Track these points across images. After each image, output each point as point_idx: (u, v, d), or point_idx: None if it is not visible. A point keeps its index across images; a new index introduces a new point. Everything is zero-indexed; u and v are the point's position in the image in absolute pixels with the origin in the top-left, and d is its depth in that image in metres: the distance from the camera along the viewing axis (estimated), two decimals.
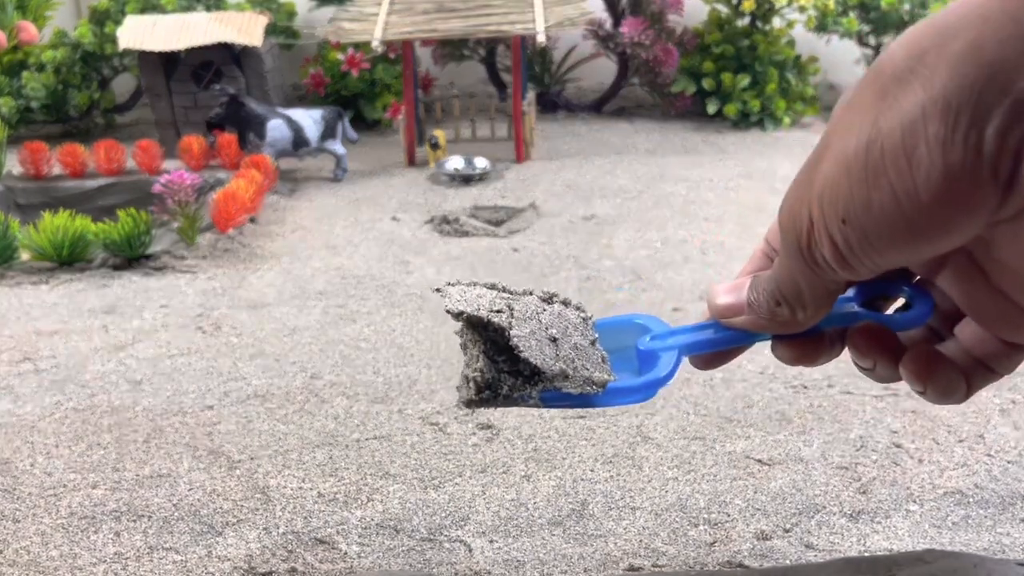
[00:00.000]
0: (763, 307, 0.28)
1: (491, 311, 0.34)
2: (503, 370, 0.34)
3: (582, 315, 0.35)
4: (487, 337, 0.34)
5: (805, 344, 0.30)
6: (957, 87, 0.19)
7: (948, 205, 0.20)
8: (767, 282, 0.27)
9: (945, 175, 0.20)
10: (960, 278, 0.25)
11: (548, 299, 0.37)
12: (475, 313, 0.33)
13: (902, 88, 0.21)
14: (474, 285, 0.36)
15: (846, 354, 0.29)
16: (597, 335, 0.35)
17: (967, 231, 0.21)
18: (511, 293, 0.36)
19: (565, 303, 0.36)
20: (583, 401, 0.32)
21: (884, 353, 0.28)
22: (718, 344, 0.32)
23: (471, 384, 0.33)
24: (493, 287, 0.36)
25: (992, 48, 0.19)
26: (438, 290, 0.35)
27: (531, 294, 0.36)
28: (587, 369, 0.33)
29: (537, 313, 0.35)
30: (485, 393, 0.33)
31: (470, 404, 0.33)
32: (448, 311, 0.34)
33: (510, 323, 0.33)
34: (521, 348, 0.33)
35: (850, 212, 0.22)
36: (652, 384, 0.32)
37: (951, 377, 0.26)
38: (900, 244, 0.22)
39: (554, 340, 0.34)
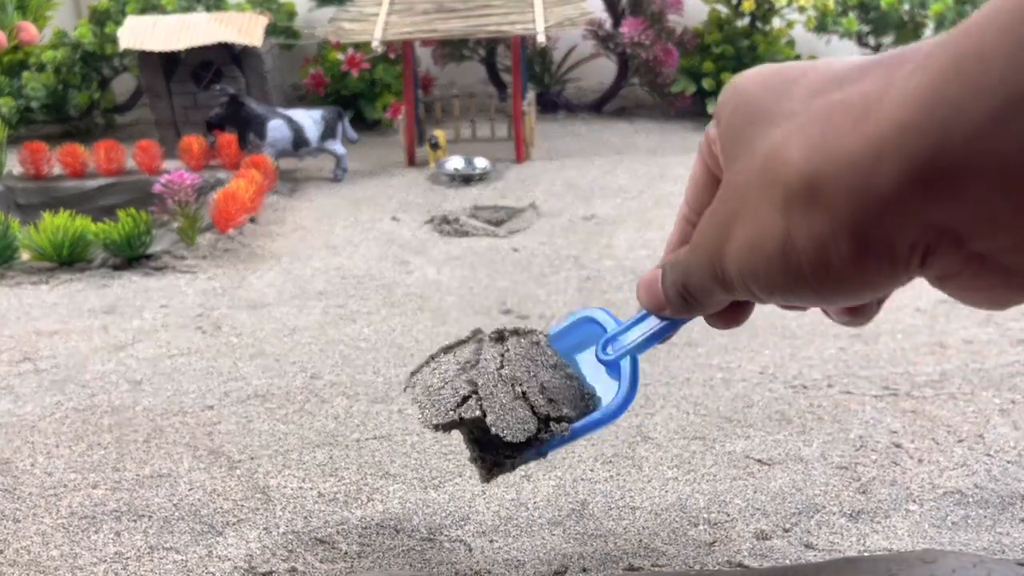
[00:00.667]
0: (676, 303, 0.31)
1: (459, 405, 0.36)
2: (499, 446, 0.36)
3: (534, 340, 0.38)
4: (470, 428, 0.36)
5: (732, 312, 0.33)
6: (866, 222, 0.21)
7: (862, 286, 0.23)
8: (675, 275, 0.30)
9: (862, 281, 0.23)
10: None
11: (500, 338, 0.39)
12: (447, 420, 0.35)
13: (809, 209, 0.22)
14: (430, 361, 0.39)
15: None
16: (556, 355, 0.37)
17: (881, 292, 0.24)
18: (460, 347, 0.39)
19: (516, 333, 0.38)
20: (572, 439, 0.36)
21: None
22: (661, 333, 0.34)
23: (479, 468, 0.37)
24: (448, 349, 0.38)
25: (889, 185, 0.21)
26: (413, 398, 0.39)
27: (480, 340, 0.38)
28: (560, 409, 0.36)
29: (498, 370, 0.37)
30: (495, 470, 0.36)
31: (489, 480, 0.37)
32: (427, 426, 0.37)
33: (481, 408, 0.35)
34: (503, 433, 0.35)
35: (768, 287, 0.25)
36: (621, 406, 0.35)
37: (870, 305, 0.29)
38: (818, 303, 0.25)
39: (524, 395, 0.36)
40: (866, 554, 0.50)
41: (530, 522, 0.53)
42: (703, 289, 0.28)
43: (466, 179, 1.33)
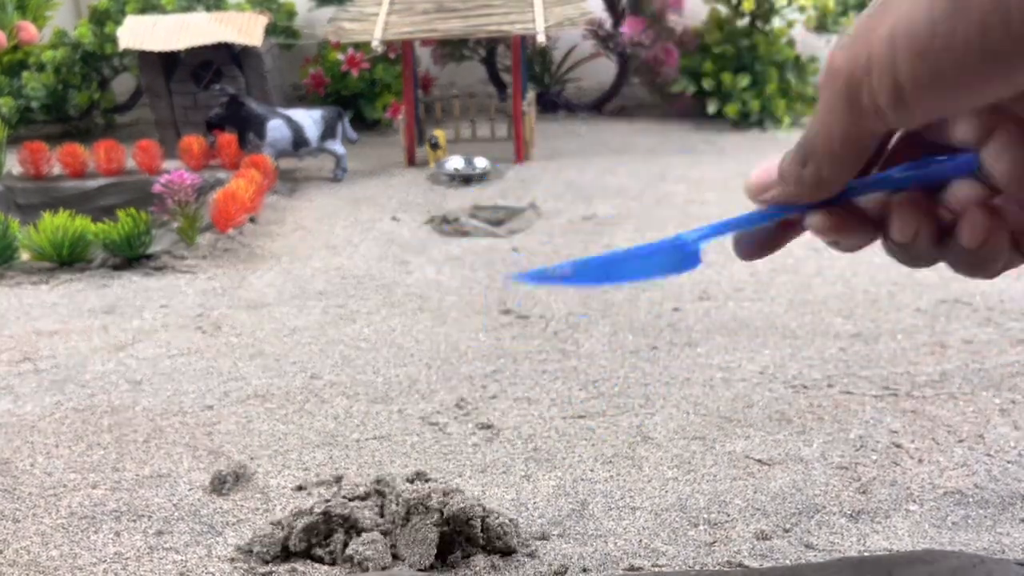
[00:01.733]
0: (791, 171, 0.27)
1: None
2: None
3: None
4: None
5: (840, 213, 0.28)
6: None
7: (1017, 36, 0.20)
8: (796, 147, 0.27)
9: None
10: (1008, 146, 0.24)
11: None
12: None
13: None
14: None
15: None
16: None
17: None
18: None
19: None
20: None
21: (928, 218, 0.26)
22: (752, 221, 0.31)
23: None
24: None
25: None
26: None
27: None
28: None
29: None
30: None
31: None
32: None
33: None
34: None
35: (929, 45, 0.21)
36: (673, 259, 0.30)
37: (1005, 243, 0.25)
38: (975, 80, 0.21)
39: None
40: (866, 554, 0.49)
41: (530, 522, 0.53)
42: (831, 123, 0.25)
43: (466, 179, 1.33)
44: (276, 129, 1.30)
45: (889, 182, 0.27)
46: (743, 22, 1.72)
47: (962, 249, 0.26)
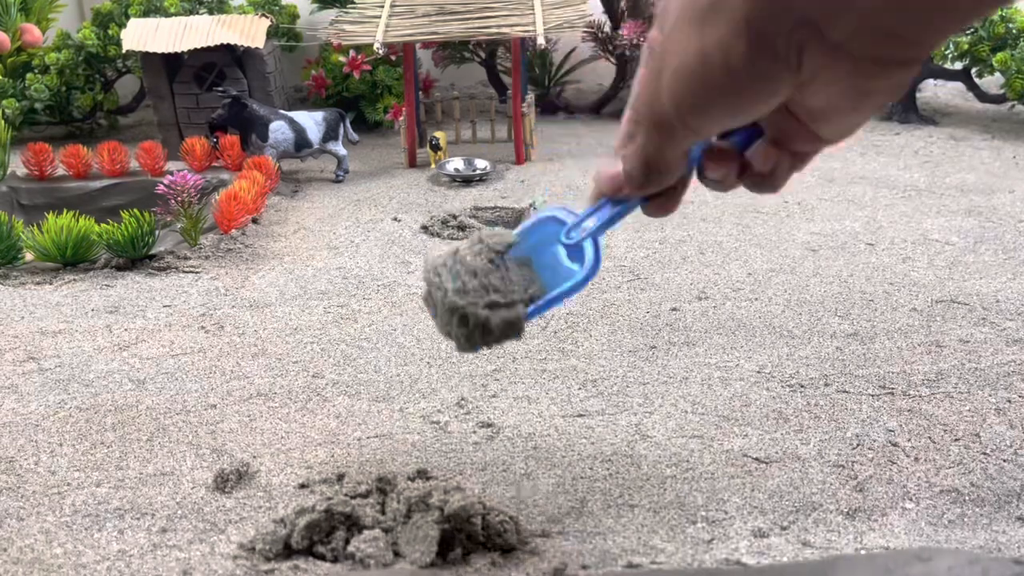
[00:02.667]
0: (637, 178, 0.37)
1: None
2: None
3: (495, 248, 0.43)
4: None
5: (669, 197, 0.40)
6: (752, 17, 0.28)
7: (760, 89, 0.30)
8: (635, 157, 0.36)
9: (754, 75, 0.29)
10: (775, 121, 0.36)
11: (476, 249, 0.44)
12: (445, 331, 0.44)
13: (714, 17, 0.29)
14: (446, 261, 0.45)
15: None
16: (510, 259, 0.43)
17: (776, 99, 0.31)
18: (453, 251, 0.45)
19: (482, 243, 0.44)
20: (545, 308, 0.43)
21: (730, 162, 0.38)
22: (616, 217, 0.41)
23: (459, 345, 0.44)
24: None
25: None
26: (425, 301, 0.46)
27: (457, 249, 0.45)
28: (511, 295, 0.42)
29: (471, 268, 0.44)
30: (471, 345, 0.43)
31: (465, 351, 0.44)
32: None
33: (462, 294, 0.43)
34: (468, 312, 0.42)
35: (695, 103, 0.31)
36: (586, 279, 0.42)
37: (784, 165, 0.38)
38: (732, 113, 0.32)
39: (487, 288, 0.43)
40: (863, 552, 0.50)
41: (530, 519, 0.53)
42: (657, 148, 0.35)
43: (466, 180, 1.34)
44: (278, 131, 1.30)
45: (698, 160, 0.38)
46: None
47: (758, 173, 0.38)
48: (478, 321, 0.42)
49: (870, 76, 0.29)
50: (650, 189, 0.38)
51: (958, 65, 1.65)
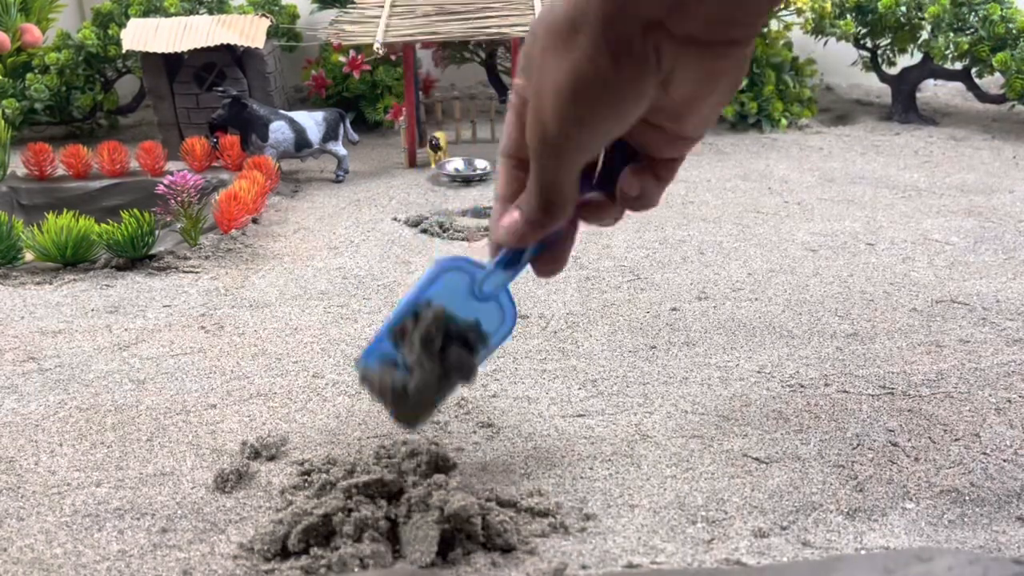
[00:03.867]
0: (535, 212, 0.40)
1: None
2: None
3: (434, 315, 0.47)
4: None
5: (557, 251, 0.44)
6: (609, 29, 0.32)
7: (632, 90, 0.34)
8: (531, 195, 0.39)
9: (624, 79, 0.33)
10: (641, 136, 0.40)
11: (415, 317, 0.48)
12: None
13: (575, 38, 0.33)
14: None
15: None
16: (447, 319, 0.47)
17: (646, 99, 0.35)
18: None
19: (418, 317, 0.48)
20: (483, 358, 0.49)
21: (606, 210, 0.43)
22: (520, 268, 0.44)
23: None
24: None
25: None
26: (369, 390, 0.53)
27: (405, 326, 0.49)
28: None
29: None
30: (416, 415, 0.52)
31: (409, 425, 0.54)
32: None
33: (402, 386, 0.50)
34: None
35: (579, 116, 0.35)
36: (511, 327, 0.48)
37: (650, 184, 0.41)
38: (613, 119, 0.35)
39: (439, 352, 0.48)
40: (863, 552, 0.50)
41: (529, 519, 0.53)
42: (553, 174, 0.38)
43: (466, 180, 1.34)
44: (278, 131, 1.31)
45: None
46: None
47: (629, 197, 0.41)
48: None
49: (717, 57, 0.34)
50: (550, 224, 0.40)
51: (958, 65, 1.65)
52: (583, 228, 0.44)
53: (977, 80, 1.66)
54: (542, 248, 0.43)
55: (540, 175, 0.38)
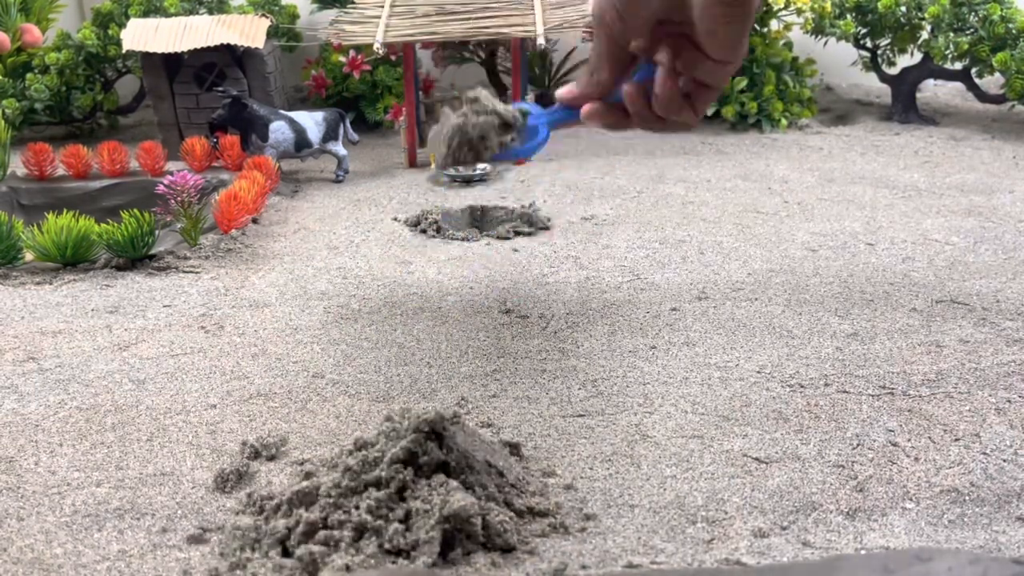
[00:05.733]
0: (583, 79, 0.55)
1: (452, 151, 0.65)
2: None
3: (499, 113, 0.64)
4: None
5: (611, 109, 0.56)
6: None
7: None
8: (587, 66, 0.54)
9: None
10: (674, 47, 0.51)
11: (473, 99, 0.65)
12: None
13: None
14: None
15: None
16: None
17: None
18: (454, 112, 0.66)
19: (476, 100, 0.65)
20: (508, 156, 0.65)
21: (644, 97, 0.54)
22: (565, 118, 0.60)
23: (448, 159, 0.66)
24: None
25: None
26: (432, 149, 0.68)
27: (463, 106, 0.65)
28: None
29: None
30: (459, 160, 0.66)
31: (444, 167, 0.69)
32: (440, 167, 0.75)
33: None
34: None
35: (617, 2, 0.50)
36: (540, 143, 0.64)
37: (681, 101, 0.53)
38: (638, 14, 0.49)
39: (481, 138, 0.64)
40: (863, 552, 0.50)
41: (529, 519, 0.53)
42: (597, 57, 0.53)
43: (466, 180, 1.34)
44: (279, 131, 1.31)
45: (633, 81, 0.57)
46: None
47: (658, 101, 0.52)
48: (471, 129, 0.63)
49: None
50: (592, 92, 0.55)
51: (958, 65, 1.65)
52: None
53: (977, 80, 1.66)
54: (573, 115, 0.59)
55: (593, 53, 0.53)
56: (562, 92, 0.57)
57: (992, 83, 1.79)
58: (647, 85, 0.53)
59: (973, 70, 1.64)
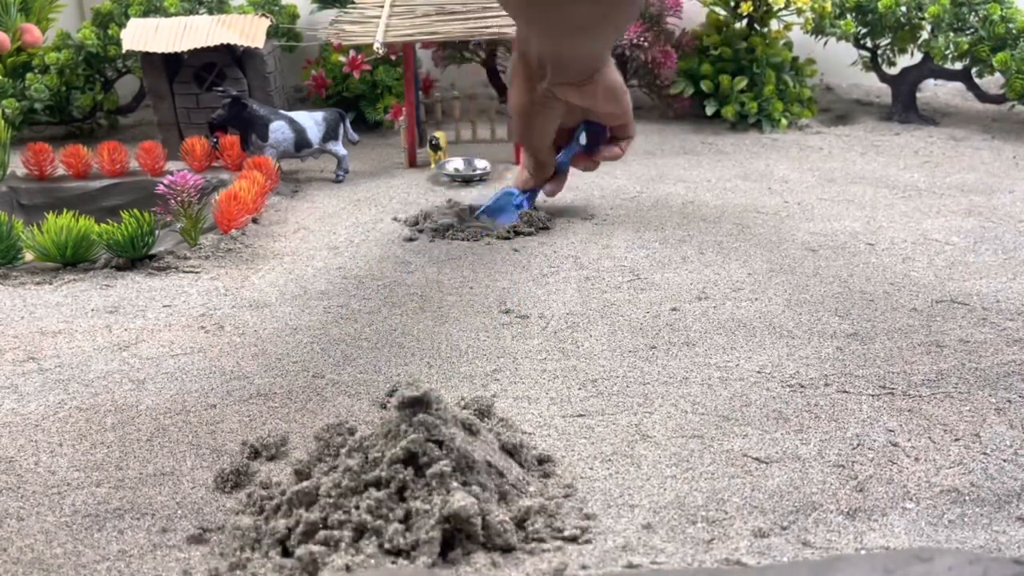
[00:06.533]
0: (531, 170, 0.84)
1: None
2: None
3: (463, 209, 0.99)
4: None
5: (557, 179, 0.92)
6: (523, 62, 0.80)
7: (548, 112, 0.82)
8: (527, 162, 0.84)
9: (540, 108, 0.82)
10: (585, 114, 0.83)
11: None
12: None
13: (516, 76, 0.81)
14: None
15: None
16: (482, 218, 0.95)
17: (559, 112, 0.84)
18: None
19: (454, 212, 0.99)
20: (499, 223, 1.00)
21: (588, 160, 0.93)
22: (532, 197, 0.94)
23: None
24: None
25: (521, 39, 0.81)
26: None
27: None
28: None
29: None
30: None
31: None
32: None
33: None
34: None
35: (526, 126, 0.82)
36: (519, 207, 0.96)
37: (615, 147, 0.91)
38: (545, 127, 0.85)
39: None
40: (863, 552, 0.50)
41: (529, 520, 0.53)
42: (533, 154, 0.83)
43: (466, 180, 1.34)
44: (279, 130, 1.30)
45: (566, 156, 0.95)
46: (741, 24, 1.73)
47: (603, 157, 0.92)
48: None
49: (583, 87, 0.69)
50: (541, 175, 0.80)
51: (958, 65, 1.65)
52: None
53: (977, 80, 1.66)
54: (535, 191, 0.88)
55: (525, 152, 0.74)
56: (519, 184, 0.86)
57: (992, 83, 1.79)
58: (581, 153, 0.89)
59: (973, 70, 1.64)
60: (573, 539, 0.51)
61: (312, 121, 1.33)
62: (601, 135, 0.81)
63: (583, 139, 0.79)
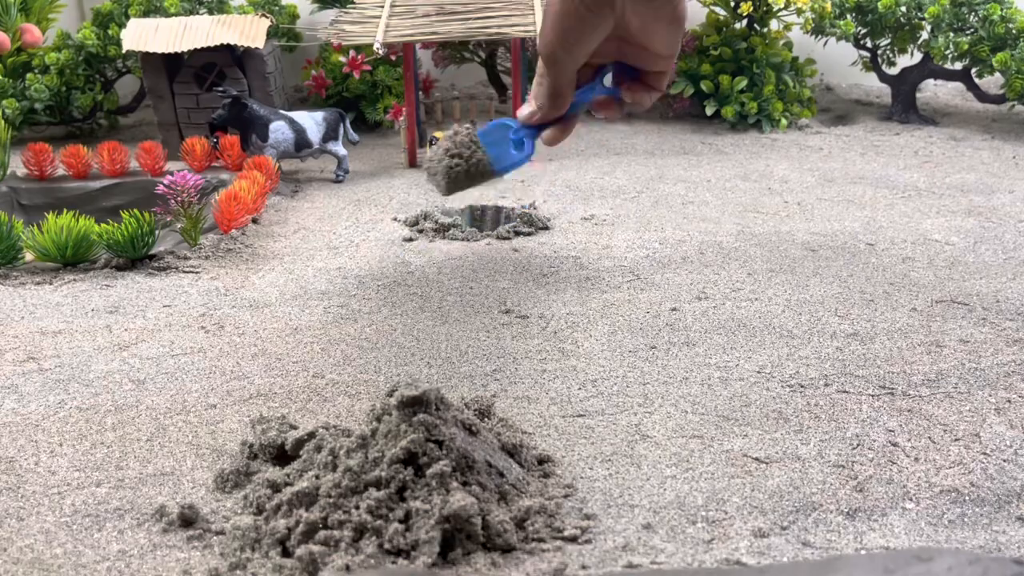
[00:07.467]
0: (544, 102, 0.59)
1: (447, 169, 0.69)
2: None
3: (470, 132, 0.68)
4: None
5: (564, 125, 0.62)
6: None
7: (595, 23, 0.52)
8: (538, 89, 0.59)
9: (589, 16, 0.52)
10: (620, 52, 0.57)
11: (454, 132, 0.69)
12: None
13: None
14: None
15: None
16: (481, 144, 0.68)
17: (608, 24, 0.53)
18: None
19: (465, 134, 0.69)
20: (500, 170, 0.68)
21: (610, 105, 0.61)
22: (535, 133, 0.64)
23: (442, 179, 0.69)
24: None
25: None
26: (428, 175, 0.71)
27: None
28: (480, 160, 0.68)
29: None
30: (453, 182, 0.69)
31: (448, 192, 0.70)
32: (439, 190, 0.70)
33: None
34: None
35: (561, 40, 0.54)
36: (527, 155, 0.66)
37: (644, 95, 0.59)
38: (583, 43, 0.53)
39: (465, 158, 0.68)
40: (863, 552, 0.50)
41: (529, 520, 0.53)
42: (553, 80, 0.57)
43: None
44: (279, 131, 1.31)
45: (586, 97, 0.60)
46: (741, 24, 1.73)
47: (627, 104, 0.60)
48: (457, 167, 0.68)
49: (655, 8, 0.51)
50: (552, 111, 0.59)
51: (958, 65, 1.65)
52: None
53: (977, 80, 1.66)
54: (542, 130, 0.63)
55: (545, 77, 0.57)
56: (523, 115, 0.62)
57: (992, 83, 1.79)
58: (616, 99, 0.62)
59: (973, 70, 1.64)
60: (573, 539, 0.51)
61: (312, 121, 1.34)
62: (629, 82, 0.61)
63: (607, 80, 0.60)
